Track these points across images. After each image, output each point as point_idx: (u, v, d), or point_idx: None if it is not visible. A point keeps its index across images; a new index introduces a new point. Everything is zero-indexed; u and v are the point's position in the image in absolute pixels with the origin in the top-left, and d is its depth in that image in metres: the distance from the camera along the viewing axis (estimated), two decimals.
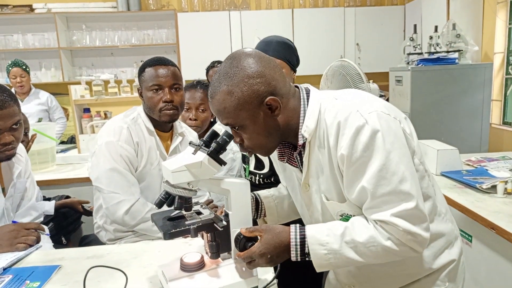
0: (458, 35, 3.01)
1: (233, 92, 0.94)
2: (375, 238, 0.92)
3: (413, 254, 0.94)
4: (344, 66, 2.00)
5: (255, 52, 0.99)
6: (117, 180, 1.55)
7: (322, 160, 1.00)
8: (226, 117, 0.97)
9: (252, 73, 0.94)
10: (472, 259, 1.61)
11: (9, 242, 1.32)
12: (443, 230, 1.06)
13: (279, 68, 0.99)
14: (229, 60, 0.98)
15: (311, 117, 0.98)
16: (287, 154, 1.08)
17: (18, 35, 4.73)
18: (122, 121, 1.63)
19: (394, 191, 0.90)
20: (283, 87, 0.98)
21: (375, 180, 0.90)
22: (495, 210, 1.53)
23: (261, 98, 0.94)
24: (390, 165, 0.89)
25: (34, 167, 2.35)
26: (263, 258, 0.98)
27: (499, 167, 2.05)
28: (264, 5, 4.98)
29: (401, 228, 0.90)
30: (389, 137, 0.91)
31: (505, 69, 3.30)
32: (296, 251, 0.96)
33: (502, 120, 3.36)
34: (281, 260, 0.99)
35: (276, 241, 0.97)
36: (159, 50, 4.79)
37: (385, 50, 4.68)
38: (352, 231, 0.94)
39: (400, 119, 0.97)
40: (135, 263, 1.24)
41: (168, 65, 1.61)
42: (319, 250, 0.95)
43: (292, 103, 1.00)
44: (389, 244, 0.91)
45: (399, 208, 0.90)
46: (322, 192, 1.03)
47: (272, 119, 0.97)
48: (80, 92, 2.78)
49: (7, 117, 1.33)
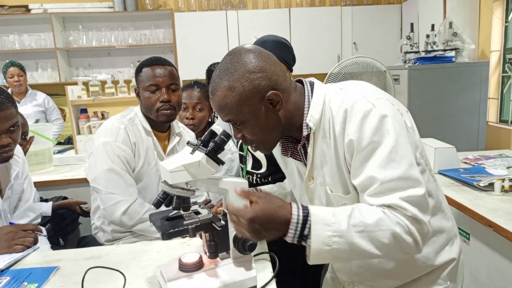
0: (455, 33, 3.01)
1: (235, 88, 0.93)
2: (384, 221, 0.86)
3: (414, 249, 0.89)
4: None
5: (255, 47, 0.99)
6: (115, 180, 1.55)
7: (326, 151, 0.99)
8: (228, 113, 0.97)
9: (253, 68, 0.94)
10: (470, 257, 1.61)
11: (6, 243, 1.32)
12: (444, 226, 1.06)
13: (279, 63, 0.99)
14: (230, 56, 0.97)
15: (315, 107, 0.98)
16: (291, 148, 1.08)
17: (14, 35, 4.70)
18: (119, 121, 1.63)
19: (403, 175, 0.87)
20: (284, 82, 0.98)
21: (384, 163, 0.87)
22: (492, 208, 1.54)
23: (262, 93, 0.94)
24: (399, 148, 0.88)
25: (31, 168, 2.34)
26: (251, 225, 0.86)
27: (496, 165, 2.06)
28: (261, 5, 4.98)
29: (410, 213, 0.86)
30: (397, 122, 0.91)
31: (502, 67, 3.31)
32: (296, 230, 0.86)
33: (499, 118, 3.37)
34: (269, 234, 0.88)
35: (272, 212, 0.87)
36: (156, 50, 4.78)
37: (382, 49, 4.68)
38: (359, 213, 0.88)
39: (402, 112, 0.98)
40: (134, 264, 1.23)
41: (165, 65, 1.61)
42: (323, 230, 0.85)
43: (294, 98, 1.00)
44: (398, 230, 0.86)
45: (408, 193, 0.87)
46: (327, 184, 1.02)
47: (274, 114, 0.97)
48: (77, 93, 2.77)
49: (5, 119, 1.33)
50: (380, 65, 2.41)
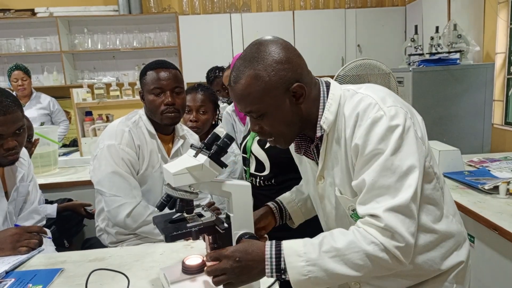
0: (459, 35, 3.00)
1: (260, 76, 0.92)
2: (355, 242, 0.87)
3: (396, 265, 0.88)
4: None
5: (281, 39, 0.99)
6: (119, 183, 1.55)
7: (338, 153, 0.99)
8: (250, 103, 0.95)
9: (279, 58, 0.93)
10: (475, 260, 1.60)
11: (11, 245, 1.32)
12: (452, 231, 1.04)
13: (302, 57, 0.99)
14: (255, 45, 0.97)
15: (330, 109, 0.98)
16: (304, 147, 1.08)
17: (20, 39, 4.75)
18: (124, 124, 1.64)
19: (393, 185, 0.87)
20: (307, 76, 0.98)
21: (379, 170, 0.87)
22: (497, 211, 1.53)
23: (287, 84, 0.94)
24: (399, 159, 0.88)
25: (37, 170, 2.36)
26: (231, 261, 0.91)
27: (501, 167, 2.04)
28: (265, 7, 4.99)
29: (388, 227, 0.85)
30: (406, 133, 0.90)
31: (507, 69, 3.29)
32: (271, 264, 0.90)
33: (504, 121, 3.35)
34: (249, 273, 0.92)
35: (247, 248, 0.93)
36: (161, 53, 4.80)
37: (386, 51, 4.67)
38: (331, 239, 0.90)
39: (414, 121, 0.96)
40: (137, 266, 1.24)
41: (170, 68, 1.62)
42: (296, 261, 0.88)
43: (314, 93, 1.00)
44: (371, 249, 0.86)
45: (392, 203, 0.86)
46: (336, 185, 1.02)
47: (296, 107, 0.97)
48: (82, 95, 2.79)
49: (11, 122, 1.34)
50: (385, 67, 2.42)
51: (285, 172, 1.64)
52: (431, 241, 1.00)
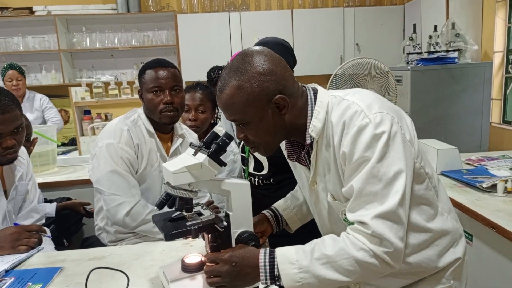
0: (458, 34, 3.01)
1: (243, 87, 0.94)
2: (345, 249, 0.90)
3: (387, 269, 0.91)
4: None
5: (267, 50, 1.00)
6: (118, 182, 1.56)
7: (329, 159, 1.00)
8: (233, 112, 0.97)
9: (263, 70, 0.95)
10: (473, 258, 1.61)
11: (11, 244, 1.33)
12: (447, 228, 1.05)
13: (288, 68, 1.00)
14: (241, 56, 0.98)
15: (318, 116, 0.99)
16: (296, 153, 1.09)
17: (18, 37, 4.73)
18: (123, 123, 1.64)
19: (380, 192, 0.89)
20: (292, 87, 0.99)
21: (366, 177, 0.89)
22: (495, 209, 1.53)
23: (270, 96, 0.95)
24: (385, 165, 0.89)
25: (35, 169, 2.36)
26: (227, 265, 0.96)
27: (499, 166, 2.05)
28: (263, 6, 4.99)
29: (376, 233, 0.87)
30: (392, 139, 0.91)
31: (505, 68, 3.30)
32: (265, 272, 0.94)
33: (502, 119, 3.37)
34: (244, 279, 0.96)
35: (242, 254, 0.97)
36: (159, 52, 4.80)
37: (384, 50, 4.67)
38: (322, 246, 0.93)
39: (402, 125, 0.96)
40: (137, 265, 1.24)
41: (168, 67, 1.62)
42: (289, 269, 0.92)
43: (300, 103, 1.01)
44: (361, 255, 0.89)
45: (379, 210, 0.88)
46: (329, 190, 1.03)
47: (279, 118, 0.98)
48: (80, 94, 2.78)
49: (9, 121, 1.34)
50: (383, 66, 2.42)
51: (283, 172, 1.64)
52: (425, 240, 1.01)
